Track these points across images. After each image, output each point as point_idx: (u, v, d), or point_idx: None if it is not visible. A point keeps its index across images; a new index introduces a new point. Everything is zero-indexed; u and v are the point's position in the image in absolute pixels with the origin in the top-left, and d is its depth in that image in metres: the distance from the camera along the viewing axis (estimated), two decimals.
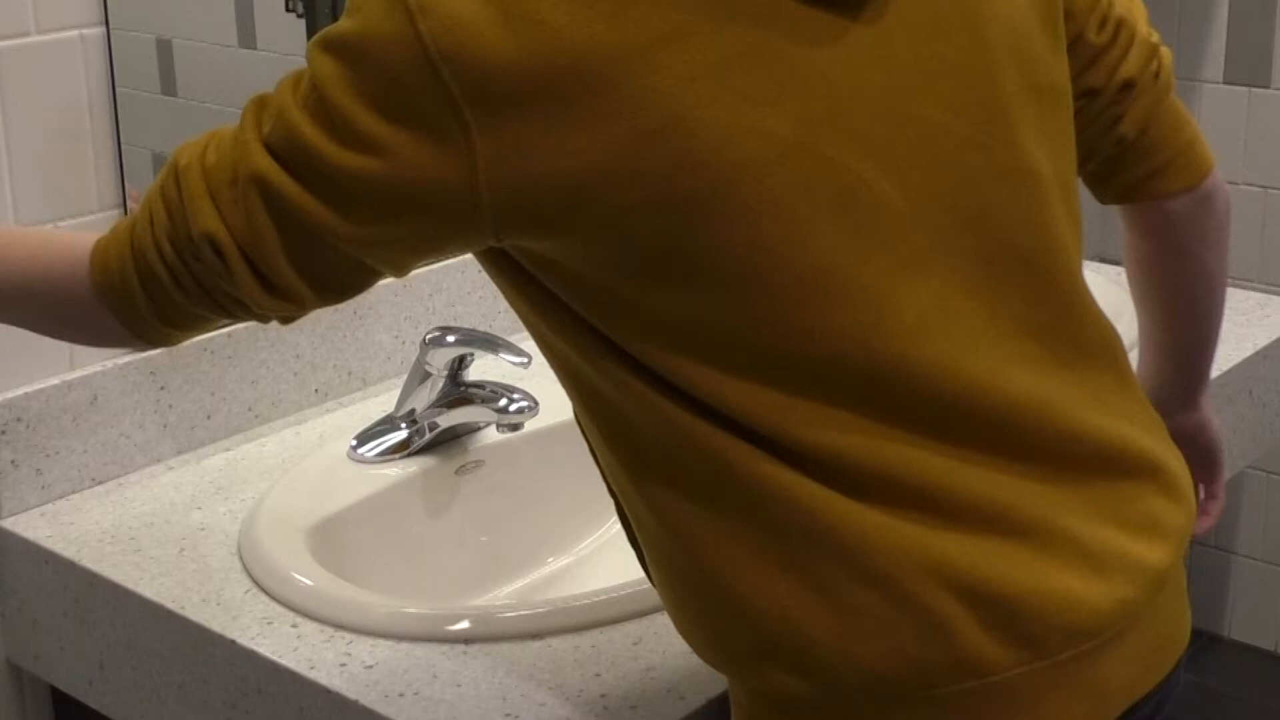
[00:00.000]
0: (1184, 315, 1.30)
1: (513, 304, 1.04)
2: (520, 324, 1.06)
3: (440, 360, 1.51)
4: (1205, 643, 2.69)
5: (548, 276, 0.98)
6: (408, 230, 0.97)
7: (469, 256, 1.87)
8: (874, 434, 0.99)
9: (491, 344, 1.53)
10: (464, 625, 1.26)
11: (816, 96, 0.96)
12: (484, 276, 1.81)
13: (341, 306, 1.67)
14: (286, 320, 1.05)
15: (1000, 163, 1.02)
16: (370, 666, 1.22)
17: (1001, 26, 1.02)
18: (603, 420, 1.03)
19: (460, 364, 1.53)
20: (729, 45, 0.94)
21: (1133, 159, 1.20)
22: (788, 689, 1.00)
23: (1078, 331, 1.06)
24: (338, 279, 1.00)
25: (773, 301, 0.96)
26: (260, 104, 0.99)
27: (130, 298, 1.03)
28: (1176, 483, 1.09)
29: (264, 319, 1.04)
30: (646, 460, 1.01)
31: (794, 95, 0.95)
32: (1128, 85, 1.15)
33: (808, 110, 0.95)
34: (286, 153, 0.96)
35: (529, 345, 1.84)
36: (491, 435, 1.56)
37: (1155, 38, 1.18)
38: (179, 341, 1.10)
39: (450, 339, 1.51)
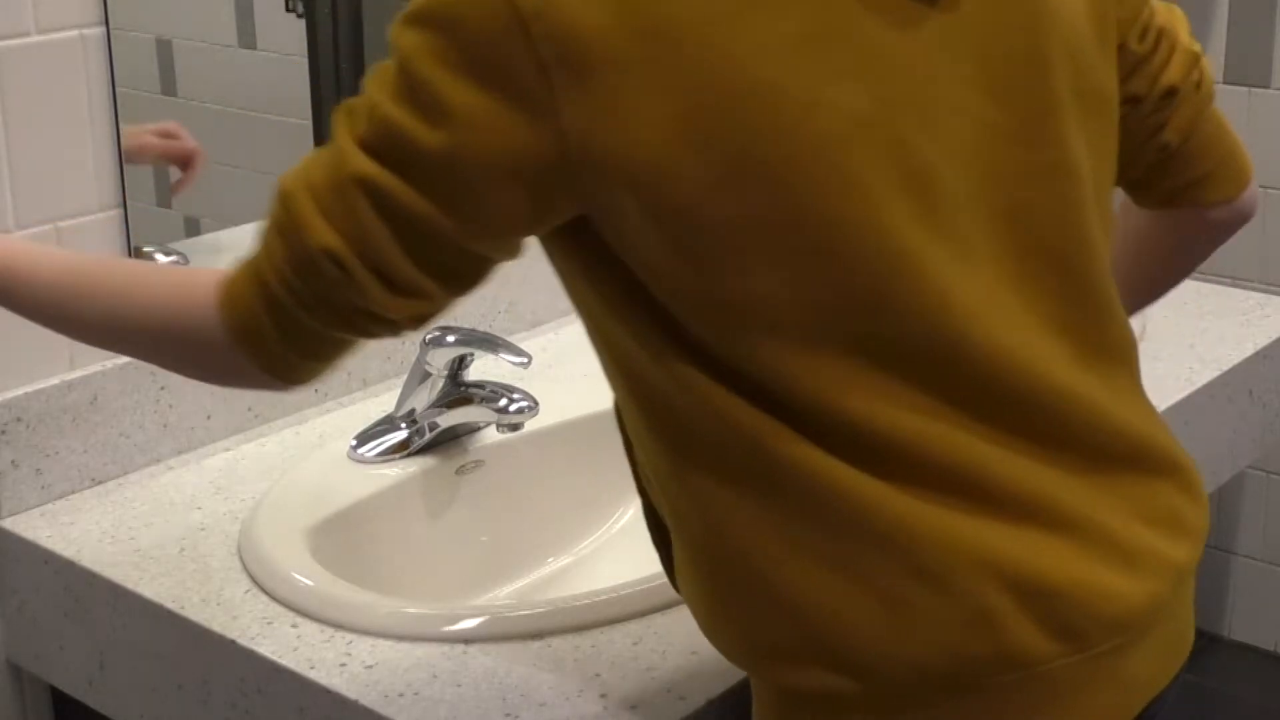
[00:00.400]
0: (1147, 293, 1.34)
1: (572, 288, 1.06)
2: (520, 324, 1.06)
3: (440, 360, 1.51)
4: (1205, 643, 2.69)
5: (621, 247, 0.98)
6: (505, 207, 0.97)
7: None
8: (930, 416, 1.00)
9: (491, 344, 1.53)
10: (464, 625, 1.26)
11: (892, 78, 0.97)
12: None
13: None
14: (420, 323, 1.03)
15: (1043, 161, 1.04)
16: (370, 666, 1.22)
17: (1059, 29, 1.05)
18: (650, 411, 1.04)
19: (460, 364, 1.53)
20: (811, 19, 0.95)
21: (1175, 167, 1.23)
22: (828, 686, 1.01)
23: (1103, 332, 1.08)
24: (454, 270, 1.00)
25: (846, 277, 0.97)
26: (349, 109, 0.99)
27: (263, 338, 1.02)
28: (1193, 481, 1.11)
29: (397, 329, 1.02)
30: (694, 452, 1.02)
31: (872, 74, 0.97)
32: (1170, 93, 1.17)
33: (884, 90, 0.97)
34: (383, 147, 0.96)
35: (529, 345, 1.84)
36: (491, 435, 1.56)
37: (1197, 48, 1.20)
38: (319, 375, 1.07)
39: (450, 339, 1.51)
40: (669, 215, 0.95)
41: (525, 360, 1.52)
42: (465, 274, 1.02)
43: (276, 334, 1.01)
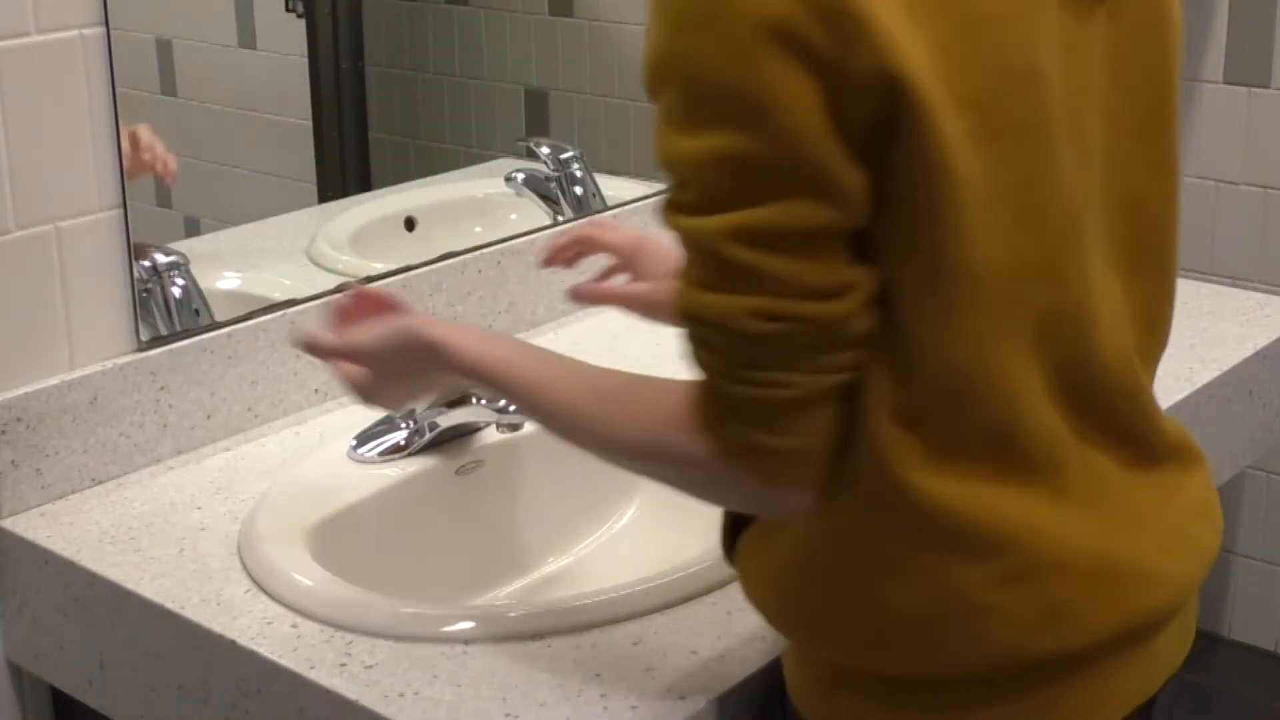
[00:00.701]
0: None
1: None
2: (520, 324, 1.06)
3: None
4: (1205, 643, 2.68)
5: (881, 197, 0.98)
6: (853, 178, 0.96)
7: (468, 257, 1.87)
8: (1043, 398, 1.04)
9: None
10: (464, 625, 1.26)
11: (1071, 60, 1.02)
12: (484, 276, 1.81)
13: None
14: (860, 310, 0.99)
15: (1156, 158, 1.10)
16: (370, 666, 1.22)
17: (1174, 34, 1.12)
18: None
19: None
20: None
21: None
22: (897, 673, 1.06)
23: (1164, 327, 1.14)
24: (841, 255, 0.98)
25: (1042, 244, 1.01)
26: (671, 205, 0.99)
27: (758, 448, 1.01)
28: (1210, 474, 1.18)
29: (849, 330, 0.99)
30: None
31: (1061, 54, 1.01)
32: None
33: (1067, 70, 1.01)
34: (721, 191, 0.95)
35: (529, 340, 1.84)
36: (491, 435, 1.56)
37: None
38: (811, 453, 1.03)
39: None
40: (932, 163, 0.96)
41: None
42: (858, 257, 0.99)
43: (764, 433, 1.00)
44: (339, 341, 1.24)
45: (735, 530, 1.16)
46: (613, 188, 2.02)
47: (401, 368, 1.21)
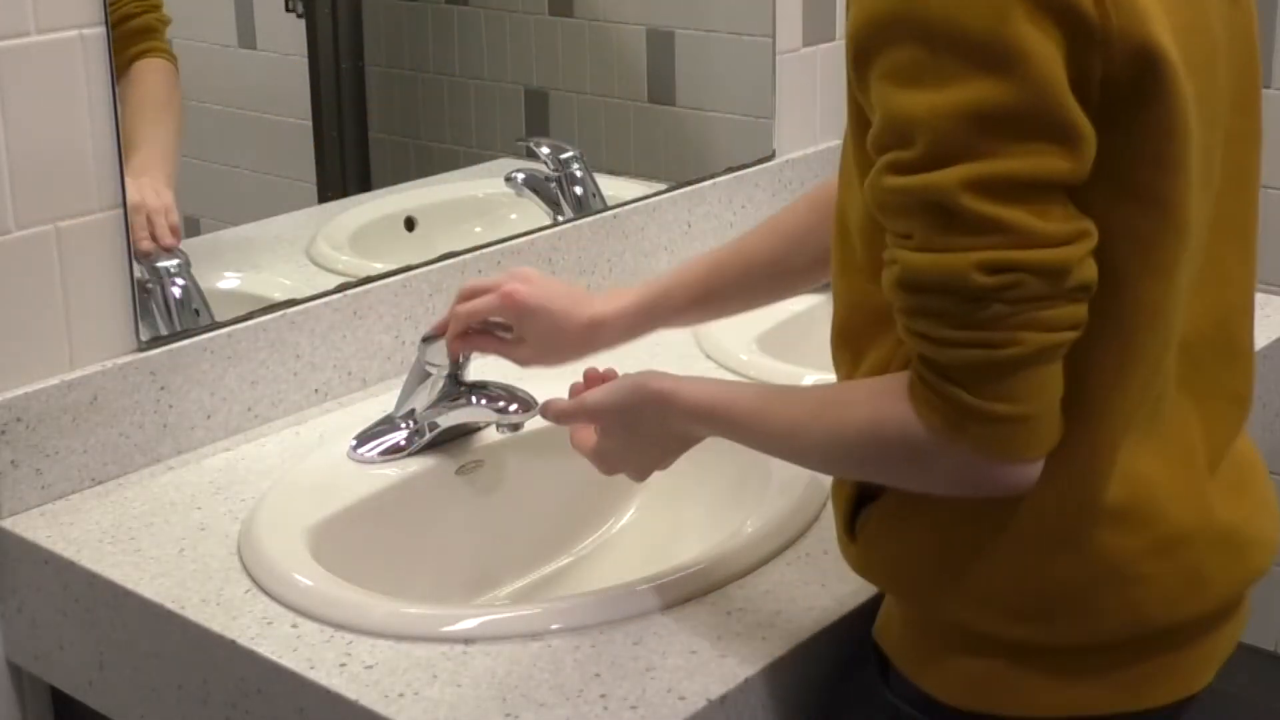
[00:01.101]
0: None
1: None
2: None
3: (439, 354, 1.51)
4: None
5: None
6: (1088, 131, 0.97)
7: (468, 257, 1.87)
8: (1178, 370, 1.09)
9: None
10: (464, 625, 1.26)
11: (1206, 33, 1.05)
12: (484, 276, 1.81)
13: (341, 307, 1.67)
14: (1092, 255, 0.99)
15: (1251, 130, 1.14)
16: (370, 666, 1.22)
17: (1252, 11, 1.14)
18: None
19: (460, 362, 1.52)
20: None
21: None
22: (1046, 643, 1.10)
23: (1253, 292, 1.17)
24: (1070, 208, 0.99)
25: (1188, 209, 1.03)
26: (889, 168, 0.98)
27: (983, 415, 0.99)
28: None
29: (1075, 279, 0.98)
30: None
31: (1213, 42, 1.06)
32: None
33: (1207, 43, 1.05)
34: (958, 144, 0.95)
35: None
36: (491, 435, 1.56)
37: None
38: (1039, 420, 1.02)
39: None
40: (1179, 123, 0.99)
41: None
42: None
43: (976, 397, 0.99)
44: (571, 403, 1.30)
45: (856, 508, 1.16)
46: (613, 188, 2.02)
47: (635, 425, 1.24)
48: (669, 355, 1.79)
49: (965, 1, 0.94)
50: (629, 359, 1.79)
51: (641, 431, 1.24)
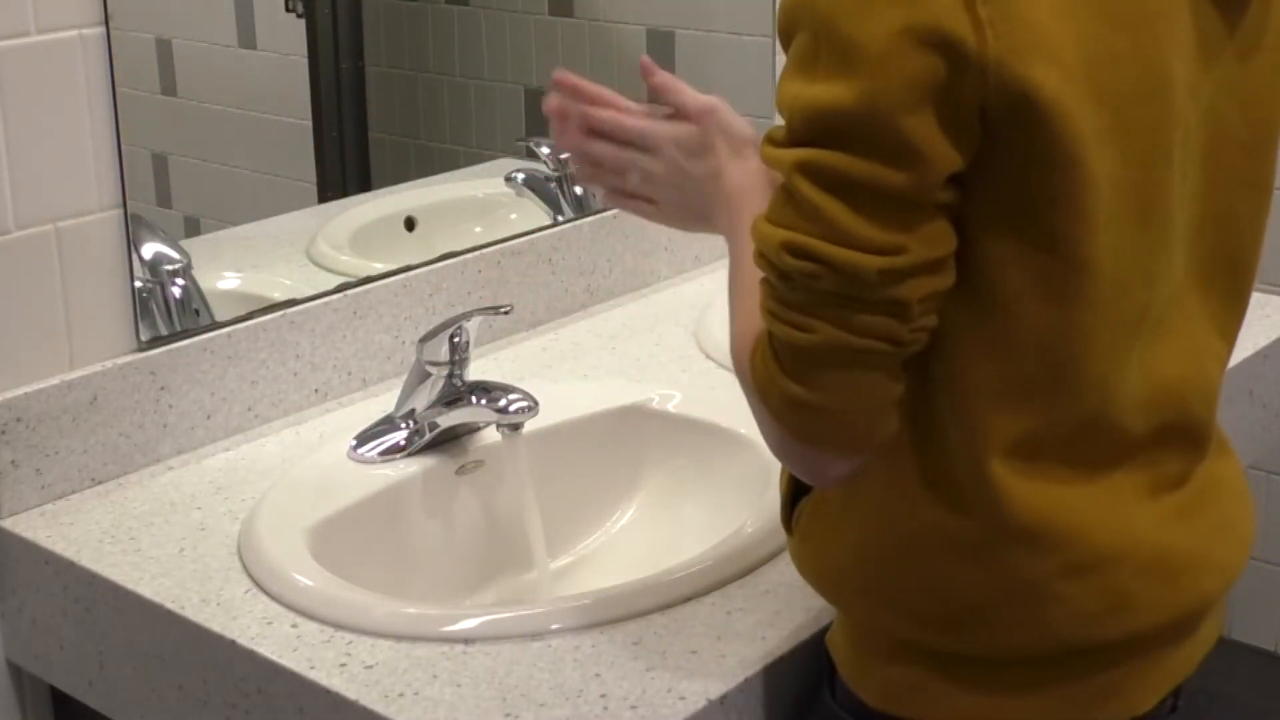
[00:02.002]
0: None
1: None
2: (520, 324, 1.06)
3: (437, 351, 1.51)
4: None
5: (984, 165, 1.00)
6: (939, 156, 0.98)
7: (468, 257, 1.87)
8: (1130, 395, 1.07)
9: (467, 315, 1.53)
10: (464, 625, 1.26)
11: (1201, 59, 1.04)
12: (484, 276, 1.81)
13: (341, 307, 1.67)
14: (897, 275, 1.00)
15: (1256, 174, 1.12)
16: (370, 666, 1.22)
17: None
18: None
19: (458, 361, 1.52)
20: None
21: None
22: (960, 650, 1.09)
23: (1235, 335, 1.17)
24: (906, 220, 0.99)
25: (1142, 242, 1.03)
26: (768, 139, 1.03)
27: (789, 397, 1.03)
28: (1239, 460, 1.22)
29: (881, 292, 0.99)
30: (907, 419, 1.06)
31: (1192, 57, 1.03)
32: None
33: (1190, 69, 1.03)
34: (812, 132, 0.99)
35: (529, 345, 1.84)
36: (491, 435, 1.56)
37: None
38: (842, 415, 1.05)
39: (436, 330, 1.51)
40: (1062, 158, 0.98)
41: (507, 308, 1.53)
42: (930, 227, 1.00)
43: (782, 373, 1.03)
44: (637, 122, 1.22)
45: (794, 500, 1.17)
46: None
47: (690, 184, 1.21)
48: (669, 355, 1.79)
49: (851, 7, 0.97)
50: (626, 359, 1.79)
51: (689, 191, 1.21)
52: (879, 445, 1.06)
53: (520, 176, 1.99)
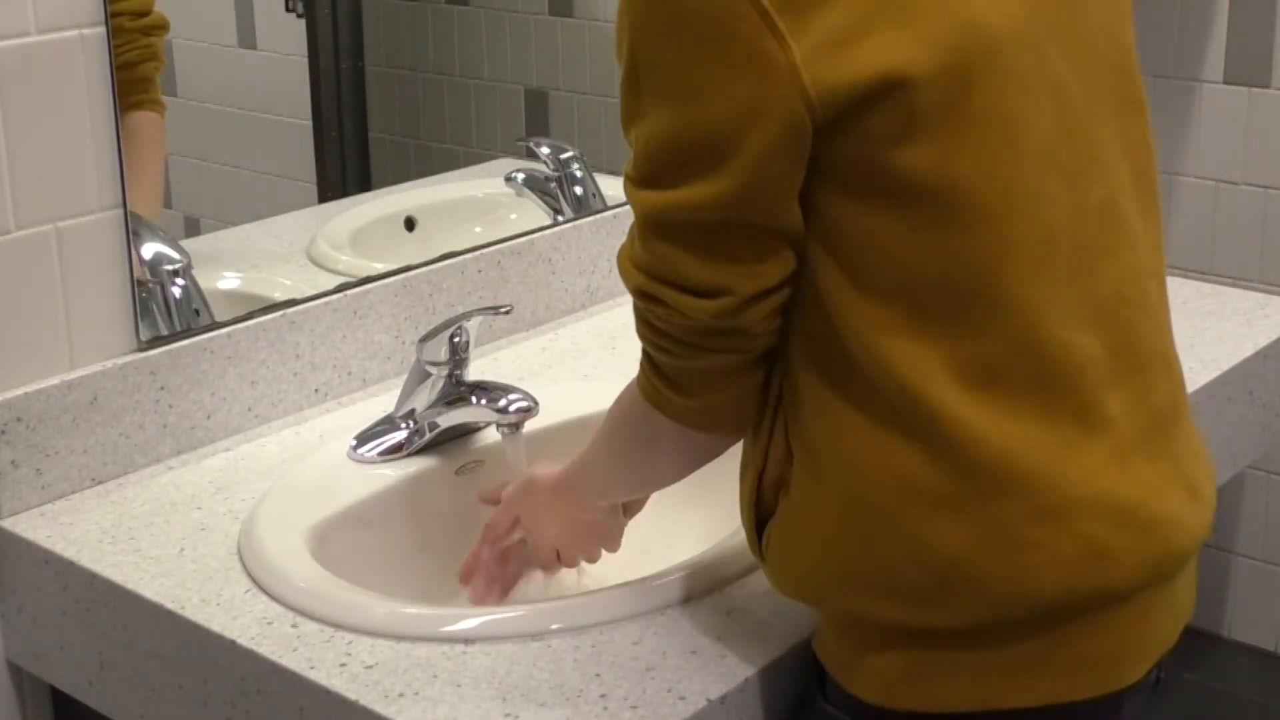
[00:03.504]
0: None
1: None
2: (520, 324, 1.08)
3: (437, 351, 1.51)
4: (1205, 643, 2.68)
5: (838, 157, 1.03)
6: (772, 169, 1.02)
7: (468, 258, 1.87)
8: (1072, 326, 1.08)
9: (467, 315, 1.53)
10: (464, 625, 1.26)
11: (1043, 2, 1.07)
12: (484, 276, 1.81)
13: (341, 307, 1.67)
14: (727, 313, 1.08)
15: (1133, 92, 1.15)
16: (370, 666, 1.22)
17: None
18: (808, 342, 1.10)
19: (458, 361, 1.52)
20: None
21: None
22: (942, 623, 1.09)
23: (1152, 264, 1.17)
24: (738, 254, 1.06)
25: (1022, 164, 1.05)
26: (625, 175, 1.09)
27: (672, 405, 1.15)
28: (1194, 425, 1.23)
29: (726, 325, 1.09)
30: (841, 388, 1.09)
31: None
32: None
33: (1034, 8, 1.06)
34: (651, 166, 1.05)
35: (529, 345, 1.84)
36: (491, 435, 1.56)
37: None
38: (721, 409, 1.16)
39: (436, 330, 1.52)
40: (901, 121, 1.01)
41: (507, 308, 1.54)
42: (748, 256, 1.07)
43: (664, 383, 1.15)
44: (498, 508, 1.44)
45: (759, 528, 1.19)
46: (613, 188, 2.02)
47: (528, 509, 1.40)
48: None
49: (664, 38, 1.01)
50: (626, 359, 1.79)
51: (534, 515, 1.40)
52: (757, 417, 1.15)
53: (520, 176, 1.99)
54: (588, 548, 1.42)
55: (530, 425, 1.54)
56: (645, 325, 1.13)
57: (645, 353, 1.15)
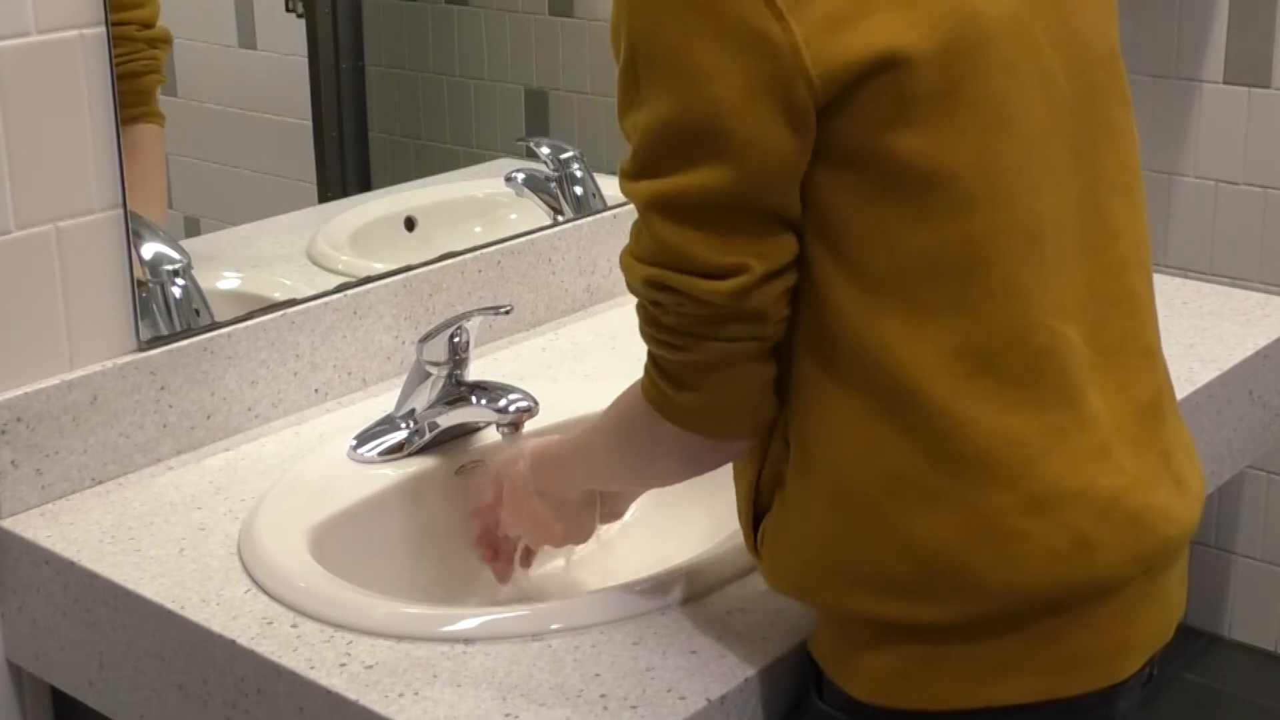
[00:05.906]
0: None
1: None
2: (520, 324, 1.08)
3: (437, 351, 1.51)
4: (1205, 643, 2.68)
5: (839, 139, 1.04)
6: (775, 150, 1.02)
7: (468, 258, 1.87)
8: (1060, 319, 1.09)
9: (467, 315, 1.53)
10: (464, 625, 1.26)
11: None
12: (484, 276, 1.81)
13: (341, 307, 1.67)
14: (743, 295, 1.07)
15: (1118, 87, 1.16)
16: (370, 666, 1.22)
17: None
18: (803, 332, 1.10)
19: (458, 361, 1.52)
20: None
21: None
22: (935, 618, 1.08)
23: (1135, 256, 1.17)
24: (750, 233, 1.05)
25: (1013, 152, 1.05)
26: (621, 172, 1.09)
27: (680, 406, 1.13)
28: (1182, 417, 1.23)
29: (741, 307, 1.07)
30: (833, 378, 1.09)
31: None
32: None
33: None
34: (654, 155, 1.04)
35: (529, 345, 1.84)
36: (491, 435, 1.56)
37: None
38: (733, 408, 1.14)
39: (436, 330, 1.52)
40: (897, 100, 1.02)
41: (507, 308, 1.53)
42: (771, 241, 1.06)
43: (668, 383, 1.12)
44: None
45: (755, 524, 1.19)
46: (613, 188, 2.01)
47: (510, 492, 1.40)
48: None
49: (662, 23, 1.01)
50: (626, 359, 1.79)
51: (515, 498, 1.39)
52: (766, 423, 1.14)
53: (520, 176, 1.99)
54: (552, 527, 1.40)
55: (530, 425, 1.53)
56: (651, 323, 1.11)
57: (650, 355, 1.14)
